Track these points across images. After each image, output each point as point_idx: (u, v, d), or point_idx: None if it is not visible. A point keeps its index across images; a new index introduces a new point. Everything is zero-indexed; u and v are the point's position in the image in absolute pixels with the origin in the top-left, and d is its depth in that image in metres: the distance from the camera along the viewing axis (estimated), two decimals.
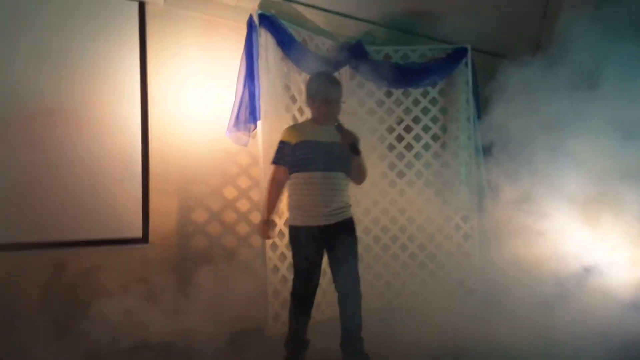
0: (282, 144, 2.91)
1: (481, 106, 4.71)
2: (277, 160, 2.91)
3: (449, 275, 4.55)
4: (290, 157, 2.86)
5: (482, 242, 4.59)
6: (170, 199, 3.69)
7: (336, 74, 4.38)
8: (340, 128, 2.84)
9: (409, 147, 4.64)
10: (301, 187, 2.83)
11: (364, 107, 4.58)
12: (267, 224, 2.86)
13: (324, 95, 2.89)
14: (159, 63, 3.68)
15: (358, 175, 2.99)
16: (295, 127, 3.01)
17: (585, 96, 4.24)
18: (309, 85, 2.99)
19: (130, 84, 3.57)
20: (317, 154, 2.81)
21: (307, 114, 4.09)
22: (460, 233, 4.62)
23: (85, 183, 3.33)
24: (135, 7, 3.59)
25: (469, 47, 4.69)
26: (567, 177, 4.44)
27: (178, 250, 3.69)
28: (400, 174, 4.61)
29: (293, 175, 2.88)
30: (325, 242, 2.84)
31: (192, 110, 3.79)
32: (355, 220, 4.44)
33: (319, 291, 4.03)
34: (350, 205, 2.97)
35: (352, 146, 2.82)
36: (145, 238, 3.55)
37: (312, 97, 2.95)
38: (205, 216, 3.82)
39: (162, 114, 3.68)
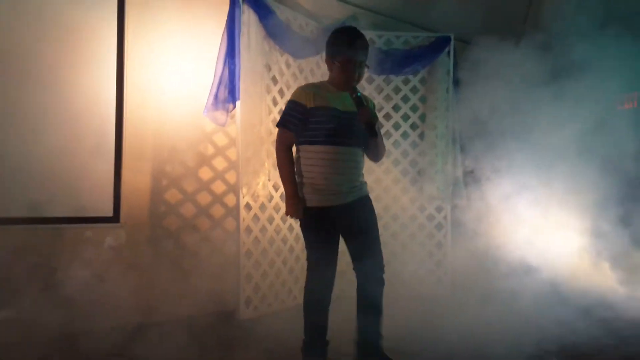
0: (295, 105, 2.44)
1: (461, 96, 4.71)
2: (286, 123, 2.44)
3: (421, 265, 4.60)
4: (303, 123, 2.42)
5: (454, 232, 4.65)
6: (143, 178, 3.57)
7: (318, 57, 4.32)
8: (359, 101, 2.43)
9: (387, 135, 4.62)
10: (317, 162, 2.42)
11: None
12: (297, 199, 2.42)
13: (347, 56, 2.43)
14: (137, 35, 3.51)
15: (376, 154, 2.63)
16: (311, 88, 2.49)
17: (563, 86, 4.29)
18: (331, 42, 2.52)
19: (106, 54, 3.40)
20: (339, 126, 2.40)
21: (288, 95, 4.02)
22: (433, 223, 4.66)
23: (55, 156, 3.17)
24: None
25: (452, 36, 4.67)
26: (542, 170, 4.52)
27: (150, 230, 3.59)
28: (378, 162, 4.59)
29: (305, 147, 2.46)
30: (343, 223, 2.46)
31: (169, 87, 3.65)
32: None
33: (292, 277, 4.05)
34: (366, 183, 2.62)
35: (369, 126, 2.43)
36: (116, 217, 3.43)
37: (333, 56, 2.49)
38: (179, 197, 3.72)
39: (138, 88, 3.53)
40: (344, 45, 2.46)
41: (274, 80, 3.95)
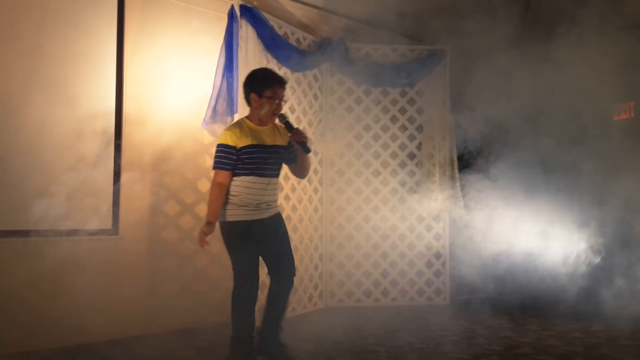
0: (227, 148, 2.72)
1: (457, 107, 4.75)
2: (222, 166, 2.73)
3: (419, 275, 4.61)
4: (236, 161, 2.72)
5: (453, 242, 4.66)
6: (142, 190, 3.60)
7: (316, 70, 4.39)
8: (289, 125, 2.76)
9: (385, 146, 4.66)
10: (246, 189, 2.72)
11: (343, 104, 4.58)
12: (211, 227, 2.72)
13: (275, 91, 2.75)
14: (136, 50, 3.57)
15: (303, 171, 2.96)
16: (237, 130, 2.76)
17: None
18: (252, 81, 2.79)
19: (106, 68, 3.47)
20: (262, 159, 2.73)
21: (286, 107, 4.06)
22: (432, 233, 4.67)
23: (56, 169, 3.23)
24: None
25: (448, 48, 4.72)
26: (543, 180, 4.51)
27: (148, 242, 3.61)
28: (376, 173, 4.63)
29: (238, 177, 2.74)
30: (260, 235, 2.75)
31: (168, 100, 3.70)
32: (329, 218, 4.50)
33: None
34: (277, 202, 2.93)
35: (302, 144, 2.76)
36: (115, 229, 3.46)
37: (260, 93, 2.75)
38: (178, 208, 3.75)
39: (137, 102, 3.58)
40: (272, 81, 2.76)
41: None
